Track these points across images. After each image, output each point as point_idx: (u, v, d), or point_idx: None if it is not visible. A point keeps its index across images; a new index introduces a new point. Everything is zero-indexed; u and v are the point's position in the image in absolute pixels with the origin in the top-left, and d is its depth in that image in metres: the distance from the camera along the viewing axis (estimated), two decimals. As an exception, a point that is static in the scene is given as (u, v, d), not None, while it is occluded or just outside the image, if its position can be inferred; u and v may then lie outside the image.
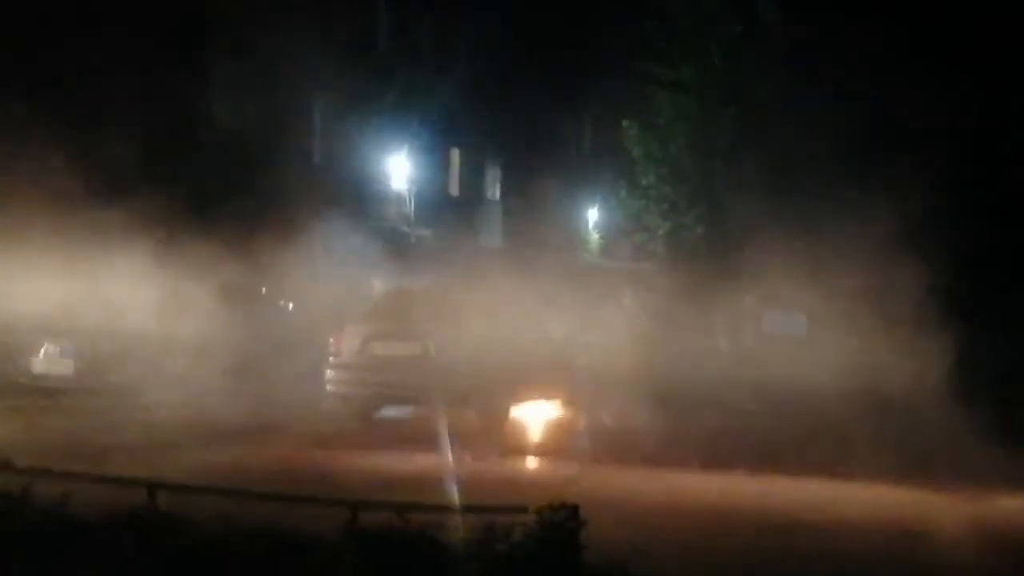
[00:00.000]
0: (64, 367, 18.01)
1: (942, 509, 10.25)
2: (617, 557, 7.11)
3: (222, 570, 6.82)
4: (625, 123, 28.05)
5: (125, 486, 7.81)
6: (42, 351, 18.25)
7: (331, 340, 16.10)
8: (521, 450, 13.58)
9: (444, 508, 7.27)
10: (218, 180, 23.22)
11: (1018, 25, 23.65)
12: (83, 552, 7.09)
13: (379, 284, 27.98)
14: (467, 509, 7.19)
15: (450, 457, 12.59)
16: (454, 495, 8.97)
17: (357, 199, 30.24)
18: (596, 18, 35.71)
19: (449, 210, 34.43)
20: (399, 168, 32.21)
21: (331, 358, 15.92)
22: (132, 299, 17.47)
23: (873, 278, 26.79)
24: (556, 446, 13.99)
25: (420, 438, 13.91)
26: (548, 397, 16.47)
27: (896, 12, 25.12)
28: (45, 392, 16.94)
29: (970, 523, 9.69)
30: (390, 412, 16.48)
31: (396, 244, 30.41)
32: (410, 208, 32.71)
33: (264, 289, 21.08)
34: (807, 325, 29.24)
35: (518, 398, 15.50)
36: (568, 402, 16.88)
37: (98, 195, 20.09)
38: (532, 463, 12.81)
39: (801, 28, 25.88)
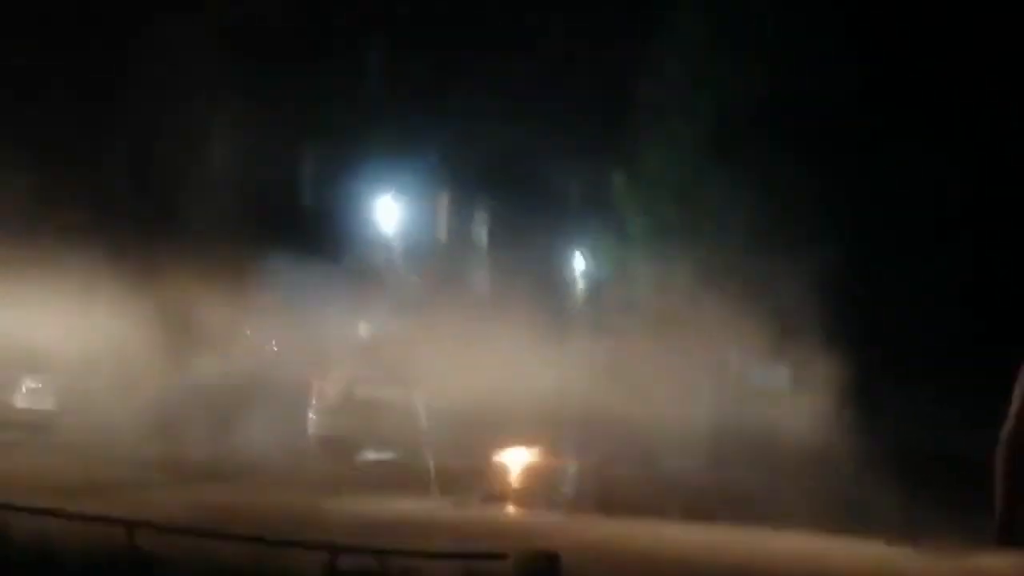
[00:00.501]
0: (45, 402, 17.98)
1: (921, 566, 10.24)
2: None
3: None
4: (614, 177, 28.21)
5: (104, 524, 7.78)
6: (23, 387, 18.21)
7: (315, 384, 16.10)
8: (503, 496, 13.53)
9: (423, 553, 7.25)
10: (204, 222, 23.22)
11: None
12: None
13: (365, 329, 28.00)
14: (446, 555, 7.18)
15: (432, 502, 12.57)
16: (434, 540, 8.94)
17: (344, 243, 30.26)
18: (588, 70, 35.92)
19: (436, 256, 34.44)
20: (387, 213, 32.27)
21: (315, 401, 15.91)
22: (116, 338, 17.45)
23: (854, 332, 26.92)
24: (538, 493, 13.94)
25: (402, 482, 13.88)
26: (531, 444, 16.47)
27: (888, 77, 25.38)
28: (26, 427, 16.89)
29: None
30: (373, 456, 16.45)
31: (383, 289, 30.42)
32: (397, 253, 32.73)
33: (249, 332, 21.04)
34: (790, 379, 29.31)
35: (501, 444, 15.48)
36: (551, 449, 16.87)
37: (82, 233, 20.10)
38: (514, 509, 12.74)
39: (791, 85, 26.11)
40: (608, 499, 13.61)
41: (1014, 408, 4.90)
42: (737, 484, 14.44)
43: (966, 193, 25.24)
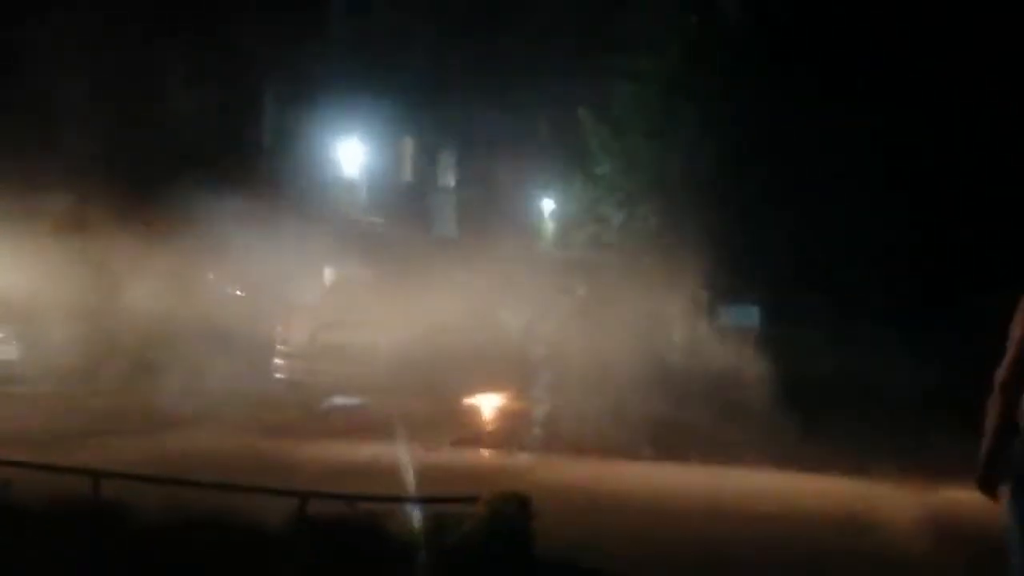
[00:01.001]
0: (8, 352, 17.79)
1: (893, 499, 10.30)
2: (568, 547, 7.06)
3: (167, 559, 6.69)
4: (581, 112, 28.00)
5: (69, 474, 7.65)
6: (-14, 336, 18.02)
7: (279, 328, 15.96)
8: (473, 440, 13.48)
9: (394, 498, 7.17)
10: (165, 165, 22.95)
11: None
12: (25, 539, 6.94)
13: (330, 272, 27.84)
14: (417, 499, 7.10)
15: (401, 446, 12.48)
16: (404, 485, 8.87)
17: (308, 186, 30.03)
18: (554, 7, 35.66)
19: (402, 198, 34.29)
20: (351, 155, 32.03)
21: (279, 346, 15.79)
22: (79, 285, 17.24)
23: (827, 270, 27.00)
24: (509, 436, 13.91)
25: (370, 427, 13.80)
26: (501, 386, 16.42)
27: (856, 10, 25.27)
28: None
29: (921, 513, 9.74)
30: (339, 401, 16.36)
31: (348, 232, 30.23)
32: (362, 196, 32.54)
33: (212, 275, 20.86)
34: (760, 317, 29.41)
35: (471, 387, 15.41)
36: (521, 391, 16.82)
37: (43, 180, 19.82)
38: (485, 453, 12.70)
39: (764, 21, 25.95)
40: (579, 440, 13.59)
41: (1010, 353, 4.84)
42: (705, 423, 14.44)
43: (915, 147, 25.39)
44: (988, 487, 4.98)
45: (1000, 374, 4.97)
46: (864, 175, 25.94)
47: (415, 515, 6.84)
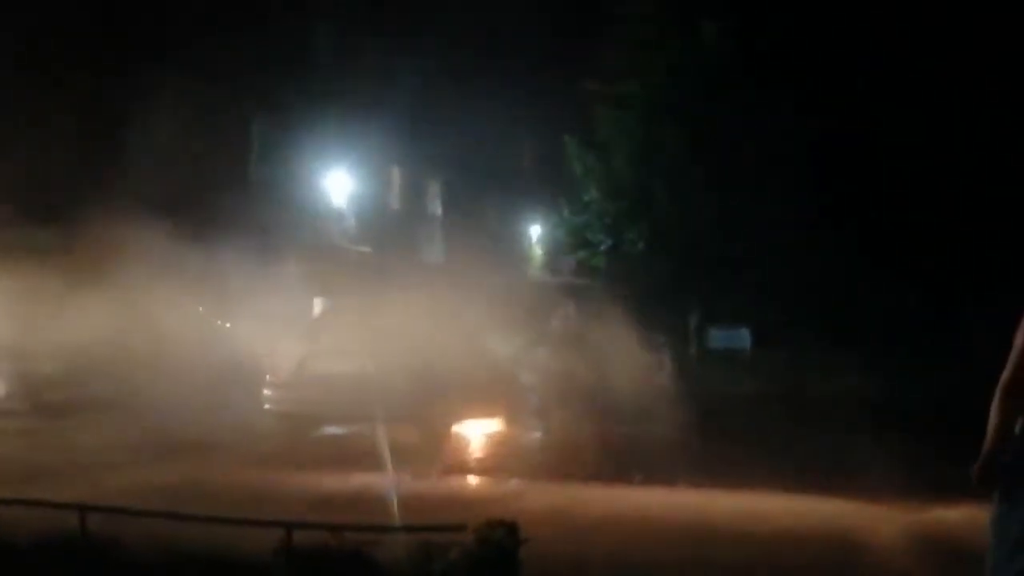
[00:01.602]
0: (-7, 388, 17.76)
1: (880, 519, 10.30)
2: (557, 573, 7.06)
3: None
4: (566, 139, 28.11)
5: (55, 509, 7.64)
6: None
7: (268, 359, 15.95)
8: (462, 467, 13.47)
9: (380, 527, 7.16)
10: (155, 200, 22.94)
11: None
12: (12, 574, 6.94)
13: (319, 302, 27.81)
14: (404, 528, 7.09)
15: (390, 475, 12.47)
16: (392, 514, 8.87)
17: (297, 217, 30.06)
18: (538, 35, 35.81)
19: (390, 227, 34.32)
20: (339, 185, 32.08)
21: (268, 376, 15.76)
22: (64, 320, 17.20)
23: (818, 293, 27.08)
24: (498, 463, 13.89)
25: (359, 456, 13.77)
26: (490, 413, 16.40)
27: (839, 30, 25.49)
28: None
29: (907, 533, 9.74)
30: (329, 430, 16.34)
31: (337, 261, 30.23)
32: (351, 225, 32.57)
33: (201, 309, 20.84)
34: (751, 340, 29.47)
35: (459, 415, 15.40)
36: (510, 418, 16.82)
37: (30, 214, 19.82)
38: (473, 480, 12.69)
39: (742, 46, 26.11)
40: (568, 466, 13.59)
41: (1013, 357, 4.92)
42: (695, 446, 14.45)
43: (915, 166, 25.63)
44: (985, 484, 5.07)
45: (1003, 378, 5.06)
46: (851, 192, 26.13)
47: (402, 544, 6.84)
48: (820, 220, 25.84)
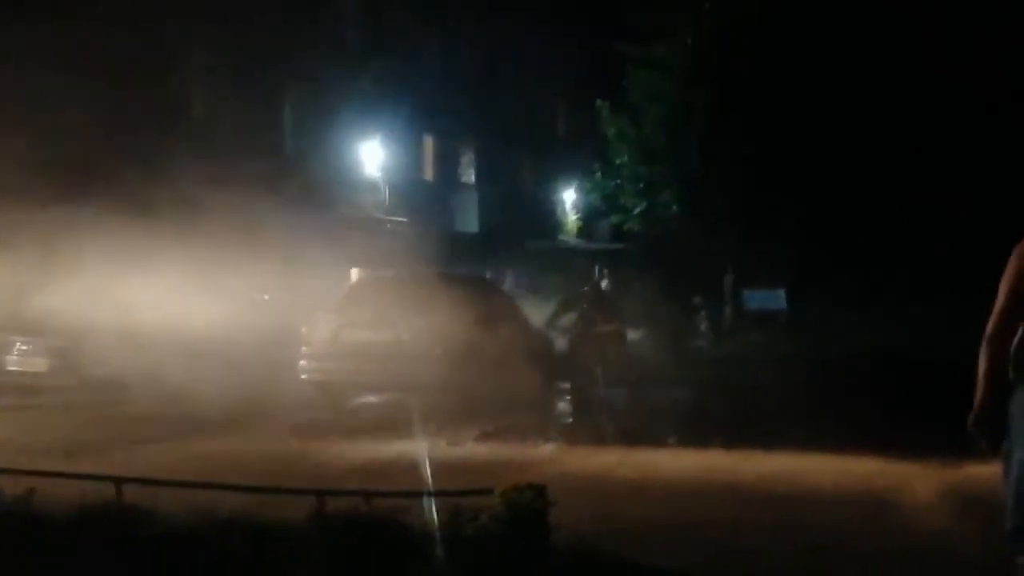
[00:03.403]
0: (37, 364, 17.96)
1: (914, 477, 10.29)
2: (587, 536, 7.11)
3: (188, 561, 6.79)
4: (598, 103, 28.04)
5: (91, 481, 7.76)
6: (15, 348, 18.19)
7: (304, 329, 16.06)
8: (497, 433, 13.54)
9: (411, 493, 7.24)
10: (188, 172, 23.11)
11: None
12: (49, 547, 7.06)
13: (355, 272, 27.95)
14: (434, 493, 7.16)
15: (424, 442, 12.57)
16: (426, 480, 8.95)
17: (330, 188, 30.17)
18: (569, 0, 35.67)
19: (424, 196, 34.40)
20: (372, 156, 32.15)
21: (304, 347, 15.88)
22: (106, 294, 17.37)
23: (846, 252, 26.94)
24: (532, 428, 13.96)
25: (394, 424, 13.89)
26: (524, 379, 16.46)
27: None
28: (17, 389, 16.88)
29: (941, 491, 9.73)
30: (364, 399, 16.47)
31: (371, 232, 30.37)
32: (385, 195, 32.66)
33: (237, 280, 20.99)
34: (787, 300, 29.39)
35: (494, 381, 15.46)
36: (545, 384, 16.88)
37: (69, 188, 19.99)
38: (508, 446, 12.75)
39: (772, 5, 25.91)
40: (602, 430, 13.65)
41: (998, 307, 4.93)
42: (730, 407, 14.47)
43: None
44: (980, 434, 5.12)
45: (989, 327, 5.09)
46: (886, 149, 25.94)
47: (432, 509, 6.91)
48: (855, 178, 25.68)
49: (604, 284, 17.85)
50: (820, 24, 25.09)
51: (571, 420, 14.97)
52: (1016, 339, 5.05)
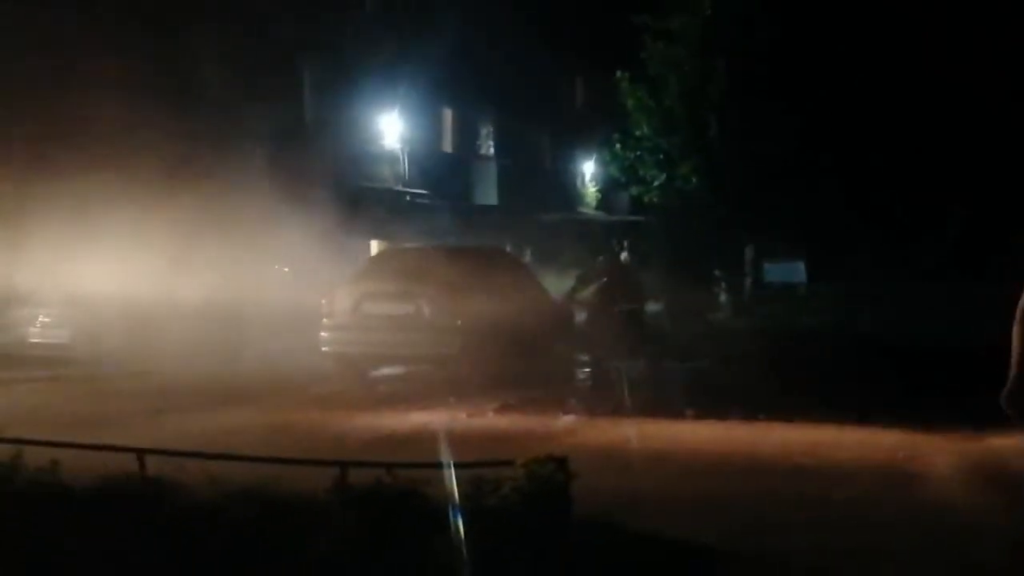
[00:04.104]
0: (59, 336, 18.05)
1: (934, 450, 10.28)
2: (608, 508, 7.12)
3: (210, 532, 6.82)
4: (617, 74, 27.94)
5: (114, 452, 7.80)
6: (37, 321, 18.28)
7: (324, 301, 16.08)
8: (517, 405, 13.56)
9: (433, 464, 7.25)
10: (209, 143, 23.14)
11: None
12: (72, 517, 7.10)
13: (375, 245, 27.98)
14: (456, 465, 7.17)
15: (445, 414, 12.61)
16: (446, 452, 8.96)
17: (350, 160, 30.15)
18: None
19: (443, 168, 34.34)
20: (391, 128, 32.09)
21: (324, 319, 15.91)
22: (127, 266, 17.45)
23: (873, 225, 26.86)
24: (553, 400, 13.98)
25: (415, 396, 13.94)
26: (545, 351, 16.48)
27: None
28: (41, 361, 16.98)
29: (961, 462, 9.72)
30: (385, 371, 16.51)
31: (391, 203, 30.37)
32: (404, 167, 32.62)
33: (259, 253, 21.04)
34: (806, 273, 29.32)
35: (514, 353, 15.47)
36: (565, 355, 16.89)
37: (86, 160, 20.04)
38: (529, 418, 12.77)
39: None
40: (622, 402, 13.65)
41: None
42: (749, 380, 14.44)
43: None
44: (1015, 408, 5.10)
45: (1021, 304, 5.07)
46: (907, 121, 25.83)
47: (453, 480, 6.92)
48: (875, 150, 25.57)
49: (624, 256, 17.74)
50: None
51: (590, 392, 14.96)
52: None
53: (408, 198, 32.22)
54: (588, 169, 42.01)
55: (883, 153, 25.27)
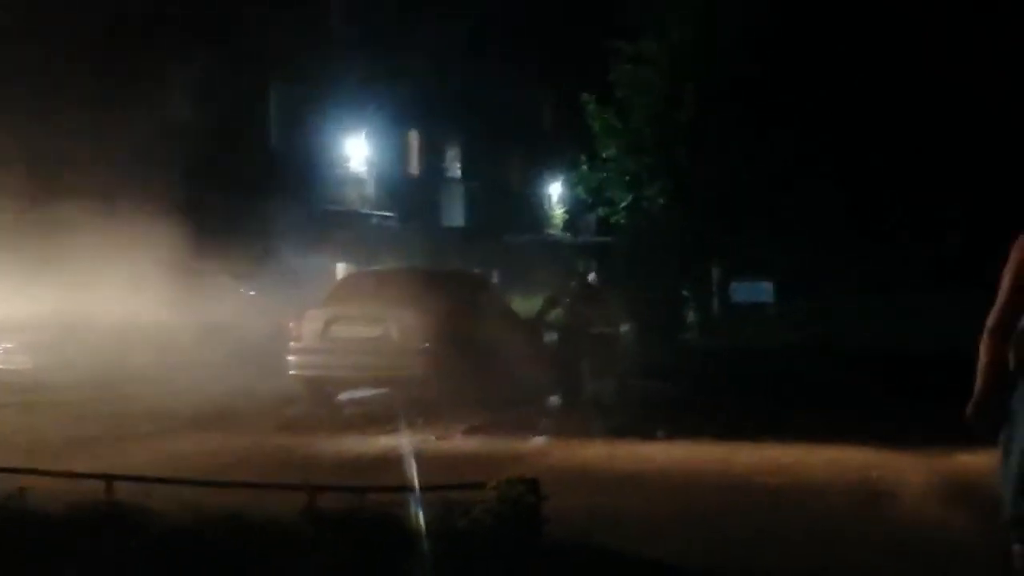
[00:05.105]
0: (22, 362, 17.89)
1: (905, 468, 10.31)
2: (580, 529, 7.09)
3: (180, 557, 6.75)
4: (584, 97, 27.99)
5: (82, 479, 7.71)
6: (0, 348, 18.12)
7: (291, 324, 16.00)
8: (487, 427, 13.52)
9: (402, 488, 7.21)
10: (173, 168, 23.04)
11: None
12: (41, 544, 7.01)
13: (341, 267, 27.92)
14: (426, 488, 7.13)
15: (414, 437, 12.55)
16: (415, 474, 8.91)
17: (316, 183, 30.10)
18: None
19: (410, 191, 34.33)
20: (358, 150, 32.07)
21: (292, 343, 15.82)
22: (91, 291, 17.33)
23: (841, 244, 27.02)
24: (523, 422, 13.95)
25: (383, 419, 13.87)
26: (514, 373, 16.42)
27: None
28: (4, 388, 16.80)
29: (932, 480, 9.75)
30: (353, 394, 16.43)
31: (357, 226, 30.33)
32: (371, 190, 32.60)
33: (224, 276, 20.94)
34: (774, 293, 29.45)
35: (483, 375, 15.42)
36: (534, 377, 16.84)
37: (52, 185, 19.92)
38: (498, 440, 12.73)
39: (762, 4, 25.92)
40: (593, 423, 13.64)
41: (1000, 299, 4.93)
42: (720, 399, 14.47)
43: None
44: (977, 425, 5.12)
45: (989, 319, 5.08)
46: (885, 144, 26.04)
47: (423, 503, 6.88)
48: (844, 169, 25.72)
49: (591, 277, 17.75)
50: (820, 18, 25.16)
51: (560, 413, 14.94)
52: (1017, 331, 5.05)
53: (375, 221, 32.18)
54: (556, 191, 42.10)
55: (864, 172, 25.45)
